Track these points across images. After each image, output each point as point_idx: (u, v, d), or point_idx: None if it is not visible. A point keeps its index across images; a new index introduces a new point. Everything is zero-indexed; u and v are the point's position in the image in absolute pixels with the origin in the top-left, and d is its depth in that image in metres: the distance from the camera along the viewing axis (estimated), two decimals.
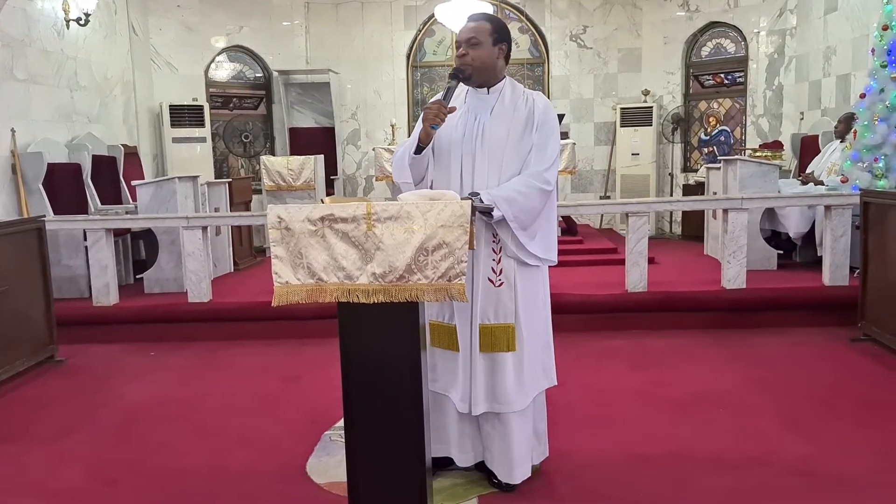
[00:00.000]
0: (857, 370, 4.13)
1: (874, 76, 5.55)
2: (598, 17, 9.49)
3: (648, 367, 4.29)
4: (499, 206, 2.51)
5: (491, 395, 2.66)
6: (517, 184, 2.57)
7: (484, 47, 2.62)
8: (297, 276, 2.22)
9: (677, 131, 9.39)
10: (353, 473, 2.31)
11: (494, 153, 2.62)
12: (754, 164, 6.29)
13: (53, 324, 4.75)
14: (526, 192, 2.56)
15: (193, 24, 8.91)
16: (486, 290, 2.64)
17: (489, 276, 2.64)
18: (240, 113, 9.58)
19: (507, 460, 2.70)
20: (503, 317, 2.64)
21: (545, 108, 2.66)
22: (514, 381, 2.65)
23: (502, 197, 2.52)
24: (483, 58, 2.63)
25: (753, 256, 5.79)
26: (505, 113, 2.65)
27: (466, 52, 2.62)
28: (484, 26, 2.64)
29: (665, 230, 9.47)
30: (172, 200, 6.08)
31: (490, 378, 2.65)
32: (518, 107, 2.66)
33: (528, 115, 2.64)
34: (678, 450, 3.09)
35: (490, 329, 2.64)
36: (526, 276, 2.68)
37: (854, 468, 2.86)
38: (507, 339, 2.64)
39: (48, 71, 6.68)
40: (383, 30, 9.66)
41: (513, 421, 2.67)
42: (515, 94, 2.69)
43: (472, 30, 2.63)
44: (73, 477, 3.04)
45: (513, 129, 2.63)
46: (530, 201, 2.57)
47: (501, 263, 2.64)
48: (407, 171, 2.66)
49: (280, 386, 4.20)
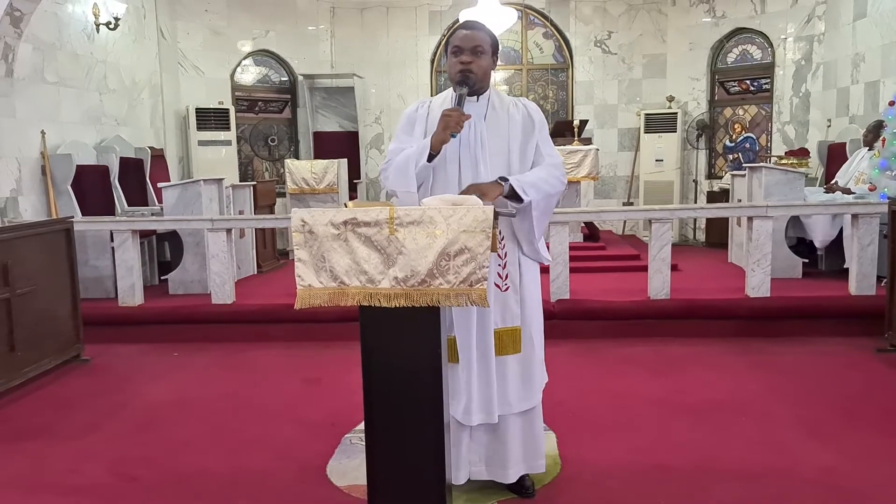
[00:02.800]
0: (883, 381, 4.06)
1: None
2: (622, 23, 9.45)
3: (670, 374, 4.25)
4: (527, 191, 2.55)
5: (501, 399, 2.67)
6: (541, 171, 2.64)
7: (486, 57, 2.64)
8: (319, 279, 2.24)
9: (702, 138, 9.32)
10: (373, 476, 2.32)
11: (499, 154, 2.65)
12: (780, 171, 6.23)
13: (80, 323, 4.82)
14: (549, 180, 2.63)
15: (220, 28, 9.03)
16: (495, 295, 2.65)
17: (496, 281, 2.66)
18: (265, 116, 9.68)
19: (502, 461, 2.71)
20: (510, 320, 2.68)
21: (538, 110, 2.76)
22: (519, 382, 2.70)
23: (529, 182, 2.57)
24: (485, 67, 2.65)
25: (778, 264, 5.72)
26: (499, 119, 2.68)
27: (472, 60, 2.60)
28: (485, 36, 2.64)
29: (689, 237, 9.39)
30: (197, 203, 6.15)
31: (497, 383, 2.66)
32: (511, 113, 2.70)
33: (525, 119, 2.70)
34: (698, 458, 3.06)
35: (499, 333, 2.66)
36: (528, 278, 2.73)
37: (876, 480, 2.82)
38: (513, 341, 2.68)
39: (78, 74, 6.80)
40: (408, 34, 9.71)
41: (513, 421, 2.69)
42: (503, 101, 2.73)
43: (478, 38, 2.61)
44: (96, 473, 3.09)
45: (513, 134, 2.67)
46: (552, 189, 2.65)
47: (507, 268, 2.67)
48: (412, 180, 2.57)
49: (301, 388, 4.23)
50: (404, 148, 2.65)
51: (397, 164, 2.61)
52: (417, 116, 2.73)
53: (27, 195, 6.07)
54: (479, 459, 2.75)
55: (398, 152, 2.65)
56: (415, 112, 2.75)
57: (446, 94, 2.75)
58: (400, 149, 2.66)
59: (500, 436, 2.70)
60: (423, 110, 2.74)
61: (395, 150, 2.68)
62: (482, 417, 2.64)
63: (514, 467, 2.73)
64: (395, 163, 2.63)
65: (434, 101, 2.76)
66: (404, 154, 2.61)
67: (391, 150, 2.71)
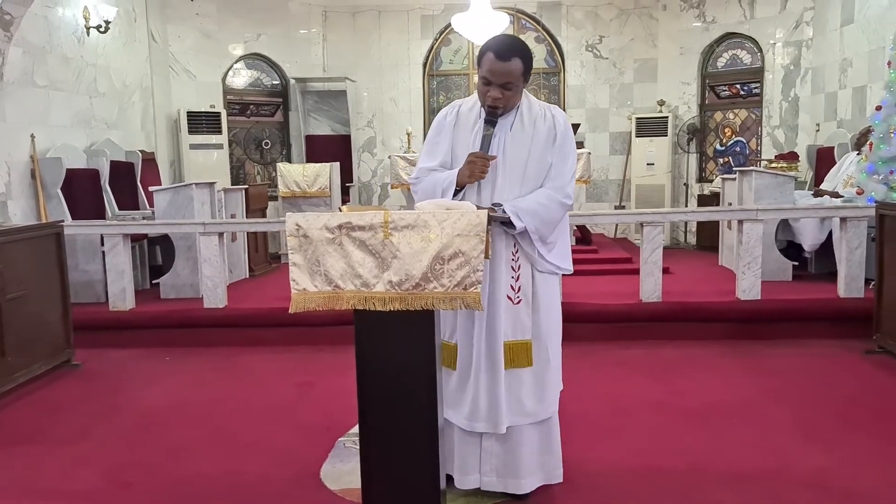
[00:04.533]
0: (872, 383, 4.10)
1: (890, 88, 5.53)
2: (614, 28, 9.50)
3: (663, 377, 4.28)
4: (522, 217, 2.53)
5: (513, 409, 2.65)
6: (539, 196, 2.60)
7: (517, 89, 2.60)
8: (314, 283, 2.24)
9: (693, 142, 9.37)
10: (367, 481, 2.32)
11: (516, 169, 2.64)
12: (770, 175, 6.27)
13: (70, 328, 4.80)
14: (548, 204, 2.59)
15: (212, 31, 9.01)
16: (507, 307, 2.64)
17: (508, 293, 2.65)
18: (257, 120, 9.66)
19: (514, 471, 2.70)
20: (521, 333, 2.66)
21: (565, 123, 2.69)
22: (532, 394, 2.67)
23: (525, 209, 2.55)
24: (515, 100, 2.63)
25: (768, 267, 5.76)
26: (525, 130, 2.66)
27: (500, 96, 2.57)
28: (517, 68, 2.54)
29: (680, 240, 9.44)
30: (189, 206, 6.14)
31: (511, 394, 2.65)
32: (538, 124, 2.66)
33: (549, 131, 2.65)
34: (692, 461, 3.08)
35: (509, 346, 2.64)
36: (544, 290, 2.70)
37: (867, 481, 2.85)
38: (526, 354, 2.66)
39: (68, 77, 6.77)
40: (400, 38, 9.72)
41: (528, 433, 2.68)
42: (533, 111, 2.69)
43: (508, 73, 2.53)
44: (89, 480, 3.08)
45: (534, 146, 2.64)
46: (551, 214, 2.60)
47: (520, 281, 2.65)
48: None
49: (295, 392, 4.22)
50: (433, 168, 2.71)
51: (424, 188, 2.70)
52: (445, 125, 2.75)
53: (17, 199, 6.04)
54: (490, 470, 2.72)
55: (427, 172, 2.72)
56: (444, 120, 2.77)
57: (474, 101, 2.74)
58: (428, 168, 2.72)
59: (513, 447, 2.68)
60: (452, 117, 2.75)
61: (423, 170, 2.74)
62: (487, 427, 2.64)
63: (528, 478, 2.70)
64: (423, 185, 2.71)
65: (463, 107, 2.76)
66: (432, 180, 2.68)
67: (420, 167, 2.77)
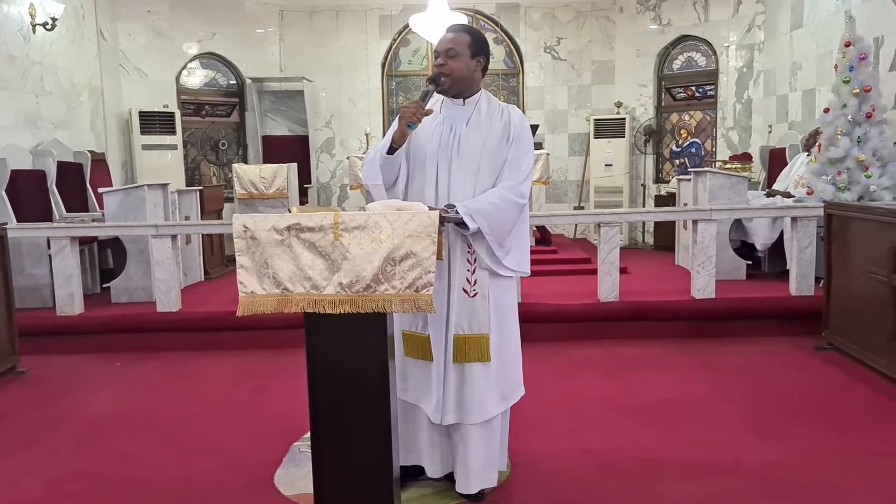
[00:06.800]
0: (821, 378, 4.19)
1: (837, 92, 5.67)
2: (571, 30, 9.58)
3: (619, 375, 4.31)
4: (475, 218, 2.52)
5: (460, 406, 2.65)
6: (492, 196, 2.59)
7: (461, 59, 2.65)
8: (262, 285, 2.20)
9: (650, 143, 9.50)
10: (319, 484, 2.29)
11: (470, 164, 2.64)
12: (724, 175, 6.38)
13: (15, 334, 4.64)
14: (501, 204, 2.58)
15: (164, 30, 8.82)
16: (461, 300, 2.64)
17: (464, 286, 2.64)
18: (212, 120, 9.50)
19: (465, 470, 2.69)
20: (477, 327, 2.65)
21: (521, 122, 2.70)
22: (484, 392, 2.65)
23: (478, 210, 2.54)
24: (460, 69, 2.65)
25: (722, 266, 5.86)
26: (481, 124, 2.67)
27: (444, 63, 2.64)
28: (463, 38, 2.66)
29: (638, 240, 9.56)
30: (141, 208, 6.00)
31: (461, 388, 2.65)
32: (494, 119, 2.68)
33: (504, 128, 2.67)
34: (646, 457, 3.11)
35: (464, 339, 2.63)
36: (499, 287, 2.70)
37: (816, 475, 2.90)
38: (480, 349, 2.64)
39: (13, 76, 6.55)
40: (358, 38, 9.66)
41: (474, 431, 2.66)
42: (491, 107, 2.72)
43: (451, 41, 2.65)
44: (31, 489, 2.97)
45: (489, 140, 2.65)
46: (505, 214, 2.59)
47: (476, 274, 2.64)
48: (377, 172, 2.63)
49: (249, 396, 4.15)
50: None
51: (368, 157, 2.70)
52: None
53: None
54: (452, 463, 2.75)
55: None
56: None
57: (439, 98, 2.75)
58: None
59: (465, 445, 2.67)
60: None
61: (375, 146, 2.75)
62: (454, 418, 2.64)
63: (475, 478, 2.69)
64: (367, 157, 2.72)
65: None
66: (374, 147, 2.70)
67: (374, 145, 2.79)
